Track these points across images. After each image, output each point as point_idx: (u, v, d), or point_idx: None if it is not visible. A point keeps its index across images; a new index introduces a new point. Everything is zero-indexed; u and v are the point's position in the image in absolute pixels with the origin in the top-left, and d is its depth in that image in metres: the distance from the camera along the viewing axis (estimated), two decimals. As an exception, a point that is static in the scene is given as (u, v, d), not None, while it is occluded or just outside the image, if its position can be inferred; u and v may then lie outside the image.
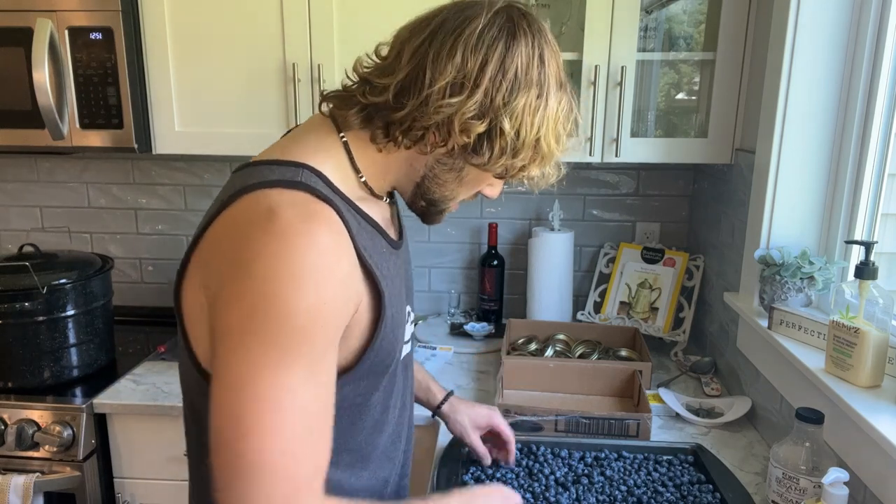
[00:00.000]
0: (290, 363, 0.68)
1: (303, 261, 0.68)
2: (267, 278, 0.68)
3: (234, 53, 1.66)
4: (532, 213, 2.05)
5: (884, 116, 1.26)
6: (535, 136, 0.79)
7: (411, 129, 0.78)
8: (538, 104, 0.79)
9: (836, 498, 0.98)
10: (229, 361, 0.69)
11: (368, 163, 0.84)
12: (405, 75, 0.77)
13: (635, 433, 1.36)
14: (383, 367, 0.86)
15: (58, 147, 1.66)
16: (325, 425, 0.73)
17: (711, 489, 1.18)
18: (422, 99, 0.76)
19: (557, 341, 1.76)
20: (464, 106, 0.76)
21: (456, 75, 0.76)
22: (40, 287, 1.53)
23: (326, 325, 0.71)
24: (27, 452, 1.52)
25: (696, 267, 1.87)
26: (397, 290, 0.86)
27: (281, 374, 0.68)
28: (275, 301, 0.67)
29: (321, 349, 0.71)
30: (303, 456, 0.69)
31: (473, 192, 0.90)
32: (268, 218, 0.70)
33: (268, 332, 0.68)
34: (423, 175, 0.85)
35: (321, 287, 0.69)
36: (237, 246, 0.71)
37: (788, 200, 1.40)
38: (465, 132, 0.77)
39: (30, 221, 2.15)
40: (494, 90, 0.76)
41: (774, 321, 1.35)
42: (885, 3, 1.24)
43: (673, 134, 1.83)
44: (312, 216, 0.72)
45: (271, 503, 0.67)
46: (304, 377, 0.69)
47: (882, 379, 1.13)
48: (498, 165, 0.80)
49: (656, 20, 1.74)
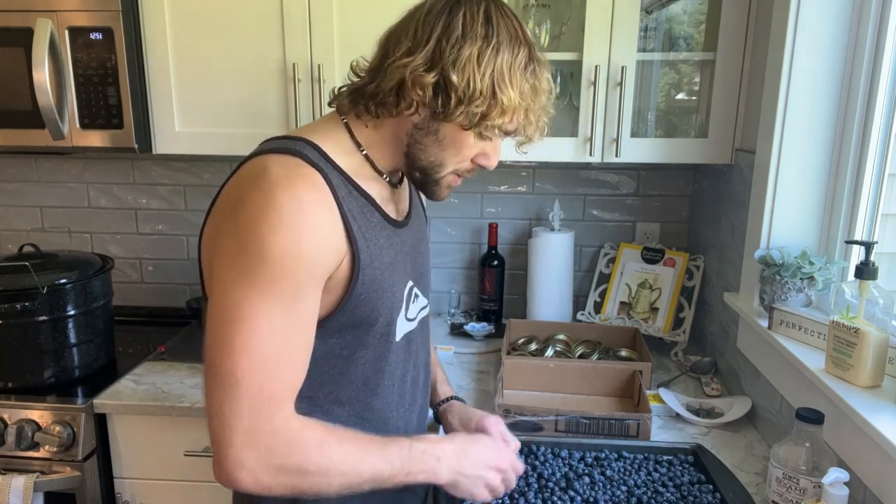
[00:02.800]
0: (267, 294, 0.80)
1: (281, 209, 0.80)
2: (251, 223, 0.80)
3: (234, 53, 1.66)
4: (532, 213, 2.05)
5: (884, 116, 1.26)
6: (489, 84, 0.86)
7: (381, 98, 0.89)
8: (486, 54, 0.86)
9: (837, 498, 0.98)
10: (218, 290, 0.82)
11: (366, 140, 0.95)
12: (376, 58, 0.92)
13: (635, 433, 1.36)
14: (365, 325, 0.94)
15: (58, 147, 1.66)
16: (297, 353, 0.85)
17: (711, 489, 1.18)
18: (384, 70, 0.89)
19: (557, 341, 1.76)
20: (413, 62, 0.86)
21: (410, 45, 0.88)
22: (40, 287, 1.53)
23: (303, 268, 0.81)
24: (27, 452, 1.52)
25: (696, 267, 1.87)
26: (387, 260, 0.95)
27: (259, 303, 0.80)
28: (256, 241, 0.79)
29: (297, 287, 0.82)
30: (272, 374, 0.81)
31: (464, 160, 0.95)
32: (259, 175, 0.82)
33: (250, 266, 0.79)
34: (408, 143, 0.93)
35: (299, 233, 0.80)
36: (231, 199, 0.84)
37: (788, 200, 1.40)
38: (418, 86, 0.86)
39: (30, 221, 2.15)
40: (440, 47, 0.86)
41: (774, 321, 1.35)
42: (885, 3, 1.24)
43: (673, 134, 1.83)
44: (297, 176, 0.83)
45: (240, 411, 0.80)
46: (279, 308, 0.81)
47: (882, 379, 1.13)
48: (458, 115, 0.87)
49: (656, 20, 1.74)
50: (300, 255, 0.81)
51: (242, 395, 0.80)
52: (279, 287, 0.80)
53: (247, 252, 0.80)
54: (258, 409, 0.80)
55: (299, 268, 0.81)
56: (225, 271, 0.81)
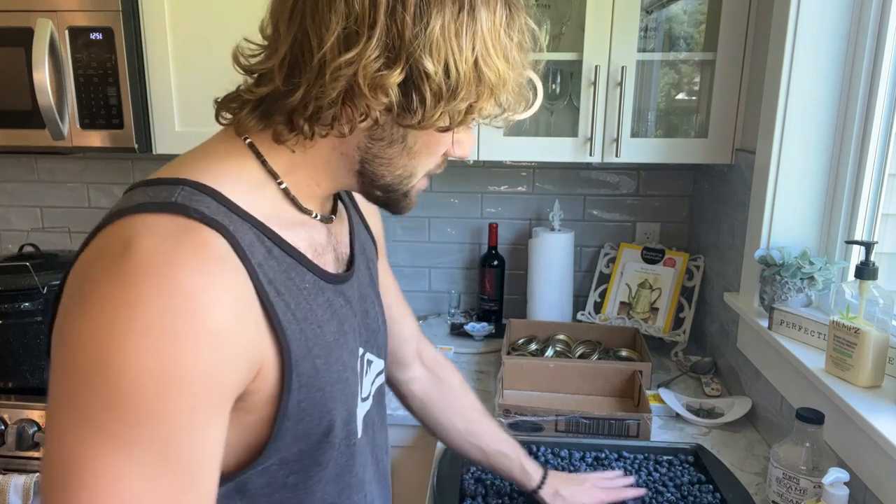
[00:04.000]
0: (126, 448, 0.50)
1: (146, 311, 0.51)
2: (96, 335, 0.51)
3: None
4: (532, 214, 2.05)
5: (884, 116, 1.26)
6: (472, 65, 0.60)
7: (317, 111, 0.60)
8: (463, 19, 0.59)
9: (837, 498, 0.98)
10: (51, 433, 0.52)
11: (286, 166, 0.66)
12: (287, 49, 0.60)
13: (635, 433, 1.36)
14: (315, 439, 0.66)
15: (58, 147, 1.66)
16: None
17: (711, 489, 1.18)
18: (313, 70, 0.59)
19: (557, 341, 1.76)
20: (364, 56, 0.57)
21: (346, 24, 0.58)
22: (40, 287, 1.52)
23: (186, 395, 0.52)
24: (27, 452, 1.52)
25: (696, 267, 1.87)
26: (330, 337, 0.67)
27: (112, 462, 0.50)
28: (99, 366, 0.50)
29: (176, 425, 0.52)
30: None
31: (437, 160, 0.70)
32: (121, 253, 0.53)
33: (98, 403, 0.50)
34: (361, 160, 0.66)
35: (174, 345, 0.51)
36: (75, 292, 0.55)
37: (788, 200, 1.40)
38: (379, 88, 0.58)
39: (30, 221, 2.15)
40: (397, 23, 0.57)
41: (775, 321, 1.35)
42: (885, 3, 1.24)
43: (673, 134, 1.83)
44: (177, 248, 0.54)
45: None
46: (147, 467, 0.51)
47: (882, 379, 1.13)
48: (437, 117, 0.61)
49: (656, 20, 1.74)
50: (177, 379, 0.51)
51: None
52: (140, 433, 0.51)
53: (85, 380, 0.51)
54: None
55: (176, 398, 0.52)
56: (60, 408, 0.52)
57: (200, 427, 0.54)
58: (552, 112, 1.81)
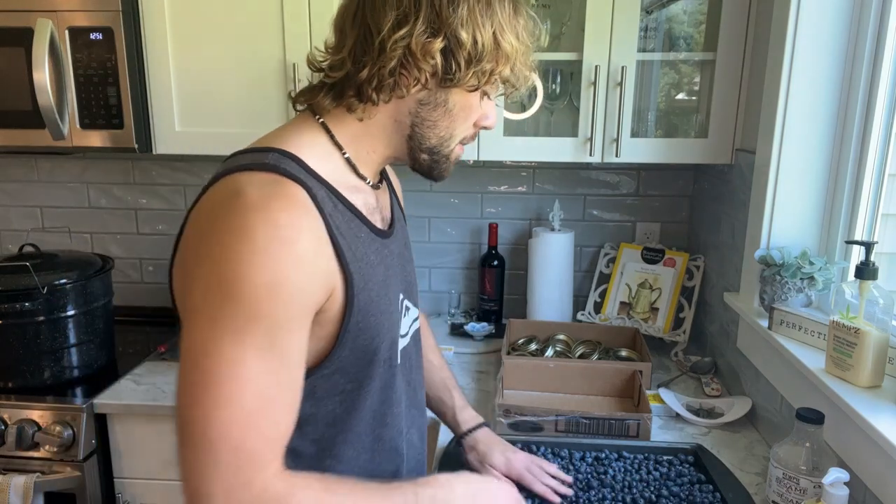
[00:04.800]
0: (244, 338, 0.69)
1: (256, 238, 0.69)
2: (222, 256, 0.69)
3: (234, 53, 1.66)
4: (532, 214, 2.05)
5: (884, 116, 1.26)
6: (491, 36, 0.81)
7: (381, 80, 0.80)
8: (481, 7, 0.80)
9: (837, 498, 0.97)
10: (188, 334, 0.71)
11: (350, 138, 0.86)
12: (354, 41, 0.81)
13: (635, 433, 1.36)
14: (368, 355, 0.85)
15: (58, 147, 1.66)
16: (281, 403, 0.73)
17: (711, 489, 1.18)
18: (376, 49, 0.79)
19: (557, 341, 1.76)
20: (415, 31, 0.78)
21: (397, 13, 0.79)
22: (40, 287, 1.53)
23: (285, 304, 0.71)
24: (27, 452, 1.52)
25: (696, 267, 1.87)
26: (380, 278, 0.86)
27: (234, 348, 0.69)
28: (228, 278, 0.69)
29: (280, 325, 0.71)
30: (251, 431, 0.70)
31: (470, 127, 0.89)
32: (231, 198, 0.72)
33: (222, 306, 0.69)
34: (412, 124, 0.85)
35: (278, 265, 0.70)
36: (200, 228, 0.74)
37: (788, 200, 1.40)
38: (428, 55, 0.79)
39: (30, 221, 2.15)
40: (436, 7, 0.79)
41: (775, 321, 1.35)
42: (885, 4, 1.24)
43: (673, 134, 1.83)
44: (276, 195, 0.72)
45: (219, 472, 0.69)
46: (259, 352, 0.70)
47: (882, 379, 1.13)
48: (470, 76, 0.82)
49: (656, 20, 1.74)
50: (280, 290, 0.70)
51: (219, 457, 0.69)
52: (256, 328, 0.70)
53: (218, 289, 0.69)
54: (235, 473, 0.69)
55: (280, 304, 0.71)
56: (194, 312, 0.71)
57: (296, 330, 0.74)
58: (552, 112, 1.81)
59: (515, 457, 1.19)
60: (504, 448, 1.20)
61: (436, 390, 1.22)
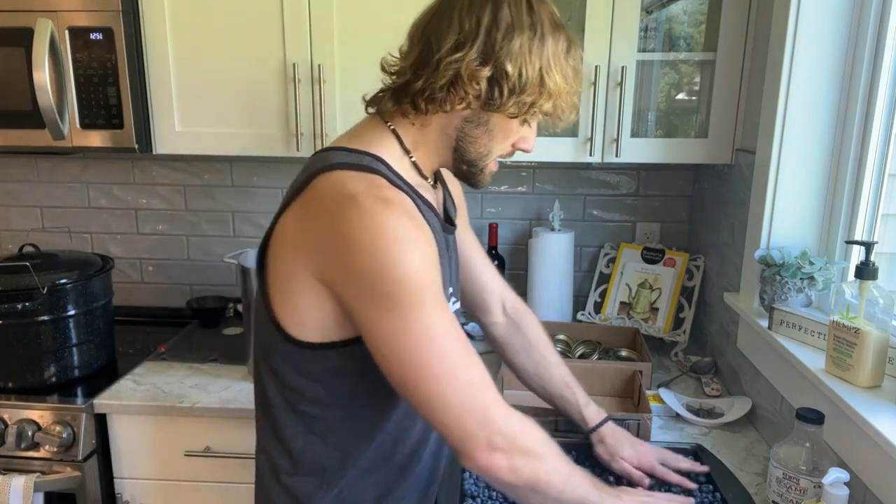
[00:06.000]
0: (421, 309, 0.81)
1: (394, 230, 0.81)
2: (374, 250, 0.80)
3: (234, 53, 1.66)
4: (532, 214, 2.05)
5: (884, 116, 1.26)
6: (537, 73, 0.88)
7: (431, 94, 0.89)
8: (534, 44, 0.88)
9: (837, 498, 0.98)
10: (377, 325, 0.83)
11: (413, 143, 0.96)
12: (417, 53, 0.90)
13: (635, 433, 1.36)
14: None
15: (58, 147, 1.66)
16: (468, 345, 0.87)
17: (712, 489, 1.18)
18: (433, 65, 0.88)
19: (558, 341, 1.76)
20: (467, 58, 0.86)
21: (457, 37, 0.87)
22: (41, 287, 1.53)
23: (431, 276, 0.84)
24: (27, 452, 1.52)
25: (696, 267, 1.87)
26: (444, 268, 0.95)
27: (419, 320, 0.81)
28: (389, 266, 0.80)
29: (436, 290, 0.84)
30: (469, 367, 0.85)
31: (508, 146, 0.98)
32: (351, 200, 0.82)
33: (394, 292, 0.80)
34: (456, 137, 0.94)
35: (417, 247, 0.82)
36: (334, 226, 0.83)
37: (788, 200, 1.40)
38: (474, 80, 0.87)
39: (30, 221, 2.15)
40: (491, 39, 0.87)
41: (775, 321, 1.35)
42: (885, 4, 1.24)
43: (673, 134, 1.83)
44: (387, 198, 0.84)
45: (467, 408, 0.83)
46: (435, 315, 0.83)
47: (882, 379, 1.13)
48: (510, 105, 0.89)
49: (656, 20, 1.74)
50: (427, 264, 0.83)
51: (462, 395, 0.83)
52: (427, 297, 0.82)
53: (384, 281, 0.80)
54: (481, 397, 0.84)
55: (430, 275, 0.84)
56: (372, 305, 0.82)
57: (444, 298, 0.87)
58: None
59: (644, 449, 1.23)
60: (633, 442, 1.24)
61: (557, 388, 1.28)
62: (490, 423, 0.84)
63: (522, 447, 0.86)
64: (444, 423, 0.84)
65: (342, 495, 0.98)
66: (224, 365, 1.73)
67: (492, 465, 0.84)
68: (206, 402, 1.54)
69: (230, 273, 2.11)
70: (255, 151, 1.71)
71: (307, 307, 0.88)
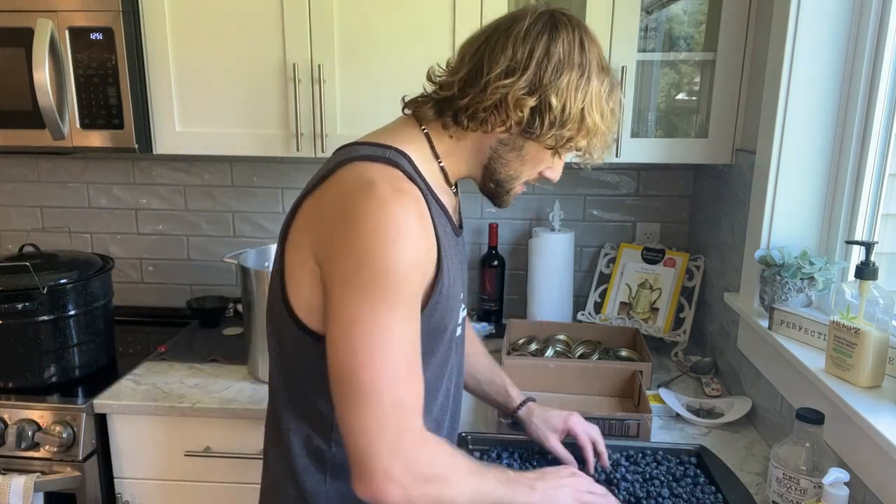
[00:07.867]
0: (392, 307, 0.81)
1: (398, 222, 0.82)
2: (372, 235, 0.81)
3: (234, 53, 1.66)
4: (532, 214, 2.05)
5: (884, 116, 1.26)
6: (579, 110, 0.91)
7: (475, 112, 0.91)
8: (581, 82, 0.91)
9: (837, 498, 0.98)
10: (343, 304, 0.83)
11: (445, 150, 0.97)
12: (467, 71, 0.92)
13: (636, 433, 1.36)
14: (439, 332, 0.96)
15: (58, 147, 1.66)
16: (419, 364, 0.86)
17: (713, 490, 1.18)
18: (481, 86, 0.90)
19: (558, 342, 1.76)
20: (515, 85, 0.89)
21: (508, 63, 0.89)
22: (41, 287, 1.53)
23: (415, 280, 0.84)
24: (27, 452, 1.52)
25: (696, 267, 1.87)
26: (455, 270, 0.98)
27: (386, 316, 0.81)
28: (378, 255, 0.81)
29: (412, 299, 0.84)
30: (407, 385, 0.83)
31: (535, 173, 1.01)
32: (368, 186, 0.84)
33: (374, 280, 0.81)
34: (489, 157, 0.97)
35: (414, 247, 0.83)
36: (344, 208, 0.84)
37: (789, 200, 1.40)
38: (519, 108, 0.89)
39: (30, 221, 2.15)
40: (541, 71, 0.89)
41: (775, 321, 1.35)
42: (885, 4, 1.24)
43: (673, 134, 1.83)
44: (401, 189, 0.85)
45: (384, 425, 0.81)
46: (401, 320, 0.82)
47: (882, 379, 1.13)
48: (549, 137, 0.92)
49: (656, 20, 1.74)
50: (415, 269, 0.84)
51: (386, 408, 0.81)
52: (403, 299, 0.82)
53: (369, 266, 0.81)
54: (401, 421, 0.82)
55: (416, 278, 0.84)
56: (349, 285, 0.82)
57: (419, 300, 0.87)
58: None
59: (573, 418, 1.26)
60: (560, 411, 1.28)
61: (485, 372, 1.31)
62: (398, 450, 0.81)
63: (426, 475, 0.84)
64: (352, 431, 0.82)
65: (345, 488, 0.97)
66: (224, 365, 1.73)
67: (385, 495, 0.81)
68: (206, 402, 1.54)
69: (230, 273, 2.11)
70: (255, 151, 1.71)
71: (312, 294, 0.88)
